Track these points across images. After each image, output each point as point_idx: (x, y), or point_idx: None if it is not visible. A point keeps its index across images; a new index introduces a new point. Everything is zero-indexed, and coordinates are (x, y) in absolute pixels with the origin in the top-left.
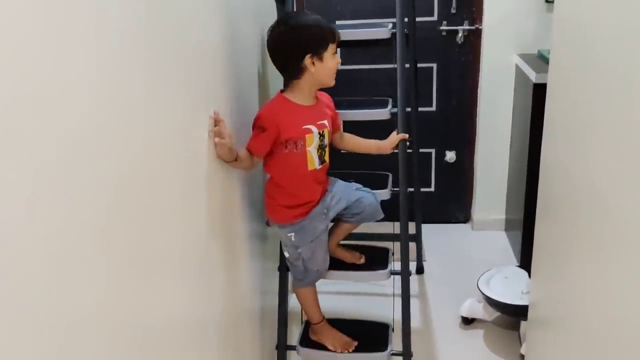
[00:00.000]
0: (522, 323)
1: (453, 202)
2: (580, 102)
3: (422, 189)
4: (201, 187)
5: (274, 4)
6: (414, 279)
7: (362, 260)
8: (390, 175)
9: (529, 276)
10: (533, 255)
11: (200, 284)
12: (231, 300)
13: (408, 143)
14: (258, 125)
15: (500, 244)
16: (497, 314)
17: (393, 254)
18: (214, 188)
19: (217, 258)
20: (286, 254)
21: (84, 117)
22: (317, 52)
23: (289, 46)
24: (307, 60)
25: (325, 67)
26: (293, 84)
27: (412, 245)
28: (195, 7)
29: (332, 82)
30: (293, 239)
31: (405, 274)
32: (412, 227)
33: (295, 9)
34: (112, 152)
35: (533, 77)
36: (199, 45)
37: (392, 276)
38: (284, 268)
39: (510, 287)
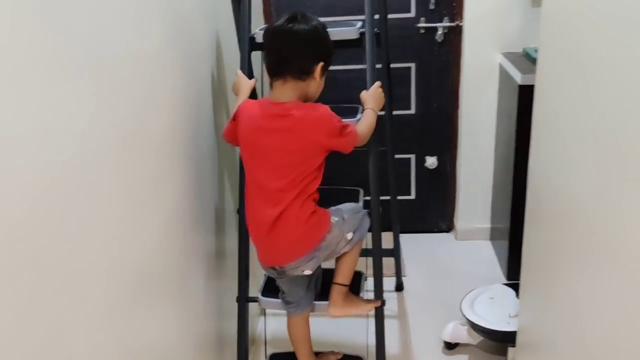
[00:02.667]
0: (510, 349)
1: (435, 211)
2: (571, 106)
3: (402, 197)
4: (149, 199)
5: (230, 4)
6: (392, 297)
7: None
8: (362, 191)
9: (517, 295)
10: (521, 275)
11: (149, 307)
12: (184, 324)
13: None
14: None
15: (485, 255)
16: None
17: (366, 279)
18: (162, 199)
19: (167, 276)
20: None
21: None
22: (326, 67)
23: (320, 43)
24: (319, 66)
25: (320, 85)
26: (297, 85)
27: (391, 260)
28: (127, 6)
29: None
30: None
31: (378, 297)
32: (389, 240)
33: (249, 8)
34: (49, 161)
35: (519, 78)
36: (132, 48)
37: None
38: (243, 299)
39: (496, 309)
